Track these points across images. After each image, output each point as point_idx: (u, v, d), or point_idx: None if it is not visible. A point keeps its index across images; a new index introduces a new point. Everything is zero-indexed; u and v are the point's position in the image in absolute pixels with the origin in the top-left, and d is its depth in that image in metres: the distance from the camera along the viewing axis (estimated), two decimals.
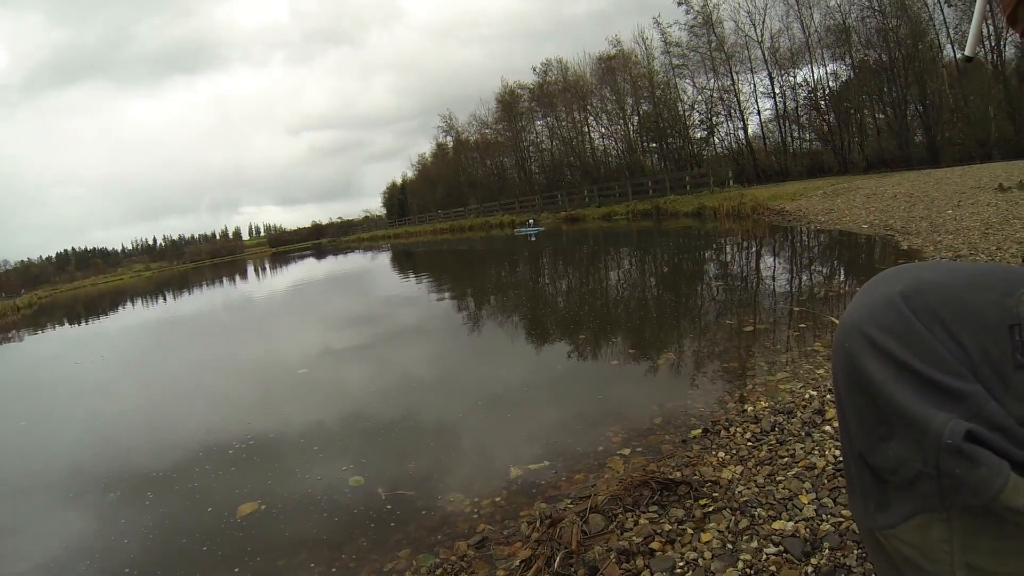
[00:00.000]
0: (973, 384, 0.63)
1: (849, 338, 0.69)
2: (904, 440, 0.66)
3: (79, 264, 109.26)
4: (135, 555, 3.17)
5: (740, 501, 2.42)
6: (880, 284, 0.71)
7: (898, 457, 0.67)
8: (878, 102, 29.60)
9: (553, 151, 45.35)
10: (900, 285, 0.68)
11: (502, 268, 16.63)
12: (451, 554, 2.64)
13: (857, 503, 0.74)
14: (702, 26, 34.06)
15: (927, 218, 9.96)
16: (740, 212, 18.71)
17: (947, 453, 0.62)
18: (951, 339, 0.65)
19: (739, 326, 5.73)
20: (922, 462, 0.64)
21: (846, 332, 0.70)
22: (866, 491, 0.72)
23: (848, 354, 0.70)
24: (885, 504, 0.70)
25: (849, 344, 0.69)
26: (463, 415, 4.57)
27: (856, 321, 0.69)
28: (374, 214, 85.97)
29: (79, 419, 6.51)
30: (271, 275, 31.47)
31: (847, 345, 0.70)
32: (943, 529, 0.66)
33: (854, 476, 0.74)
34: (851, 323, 0.70)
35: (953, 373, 0.64)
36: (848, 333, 0.70)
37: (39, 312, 30.94)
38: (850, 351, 0.69)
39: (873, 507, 0.71)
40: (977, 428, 0.62)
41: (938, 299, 0.66)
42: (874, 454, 0.70)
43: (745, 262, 10.71)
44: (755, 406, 3.60)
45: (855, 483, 0.74)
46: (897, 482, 0.68)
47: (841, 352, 0.71)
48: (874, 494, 0.71)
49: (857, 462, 0.72)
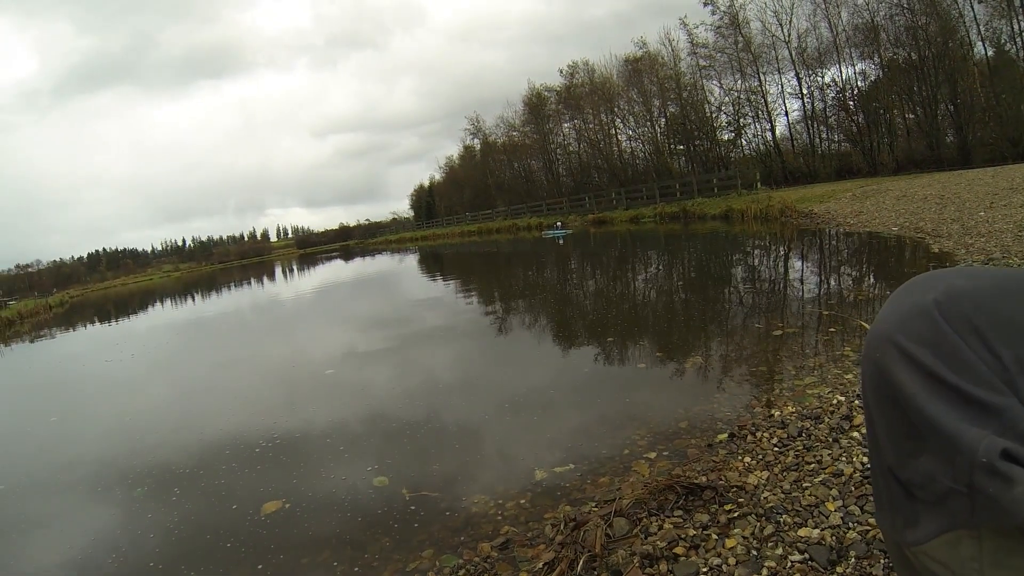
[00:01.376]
0: (1009, 398, 0.60)
1: (879, 348, 0.67)
2: (935, 455, 0.63)
3: (110, 264, 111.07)
4: (160, 549, 3.21)
5: (765, 507, 2.39)
6: (911, 292, 0.67)
7: (928, 472, 0.64)
8: (908, 102, 29.13)
9: (580, 153, 45.26)
10: (933, 293, 0.65)
11: (530, 271, 16.63)
12: (474, 555, 2.65)
13: (885, 517, 0.71)
14: (728, 27, 33.78)
15: (958, 220, 9.80)
16: (768, 215, 18.53)
17: (981, 471, 0.59)
18: (986, 349, 0.61)
19: (767, 330, 5.67)
20: (953, 479, 0.61)
21: (876, 342, 0.67)
22: (895, 505, 0.69)
23: (878, 365, 0.67)
24: (914, 520, 0.67)
25: (879, 355, 0.66)
26: (488, 417, 4.57)
27: (886, 331, 0.66)
28: (401, 216, 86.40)
29: (109, 415, 6.62)
30: (299, 276, 31.76)
31: (877, 356, 0.67)
32: (973, 547, 0.63)
33: (882, 489, 0.71)
34: (881, 333, 0.67)
35: (987, 386, 0.61)
36: (878, 343, 0.67)
37: (71, 311, 31.49)
38: (880, 362, 0.66)
39: (902, 522, 0.68)
40: (1013, 447, 0.59)
41: (972, 306, 0.63)
42: (904, 468, 0.67)
43: (773, 265, 10.61)
44: (782, 411, 3.56)
45: (883, 496, 0.71)
46: (927, 498, 0.65)
47: (871, 363, 0.68)
48: (903, 509, 0.68)
49: (886, 476, 0.70)
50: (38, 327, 22.73)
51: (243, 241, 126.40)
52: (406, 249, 42.48)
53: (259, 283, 31.19)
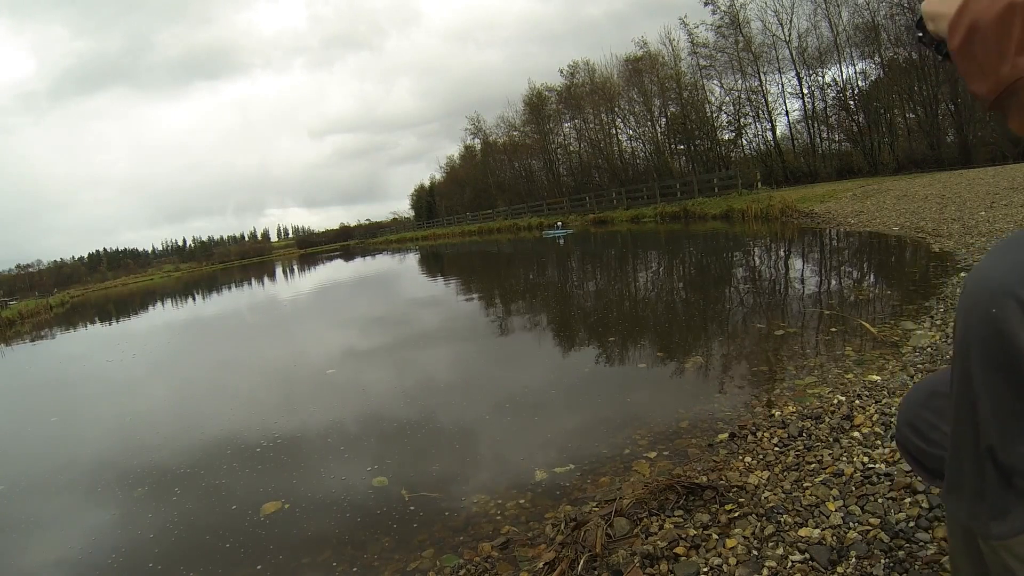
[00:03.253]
0: None
1: (997, 303, 0.56)
2: None
3: (111, 264, 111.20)
4: (160, 550, 3.21)
5: (766, 507, 2.39)
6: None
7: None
8: (908, 101, 29.13)
9: (581, 153, 45.29)
10: None
11: (531, 270, 16.63)
12: (475, 555, 2.64)
13: (962, 503, 0.63)
14: (729, 26, 33.79)
15: (959, 220, 9.79)
16: (768, 214, 18.53)
17: None
18: None
19: (768, 330, 5.67)
20: None
21: (990, 295, 0.57)
22: (981, 492, 0.61)
23: (995, 323, 0.56)
24: (1003, 510, 0.59)
25: (998, 311, 0.55)
26: (488, 417, 4.57)
27: (1006, 282, 0.55)
28: (402, 216, 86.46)
29: (110, 416, 6.62)
30: (299, 276, 31.78)
31: (994, 311, 0.56)
32: None
33: (967, 472, 0.61)
34: (998, 285, 0.56)
35: None
36: (994, 296, 0.56)
37: (71, 311, 31.48)
38: (999, 320, 0.55)
39: (987, 511, 0.60)
40: None
41: None
42: (1009, 450, 0.57)
43: (774, 265, 10.60)
44: (783, 411, 3.56)
45: (966, 479, 0.62)
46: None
47: (985, 320, 0.57)
48: (992, 497, 0.60)
49: (980, 457, 0.59)
50: (39, 327, 22.73)
51: (244, 241, 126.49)
52: (407, 249, 42.47)
53: (260, 283, 31.20)
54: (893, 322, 5.02)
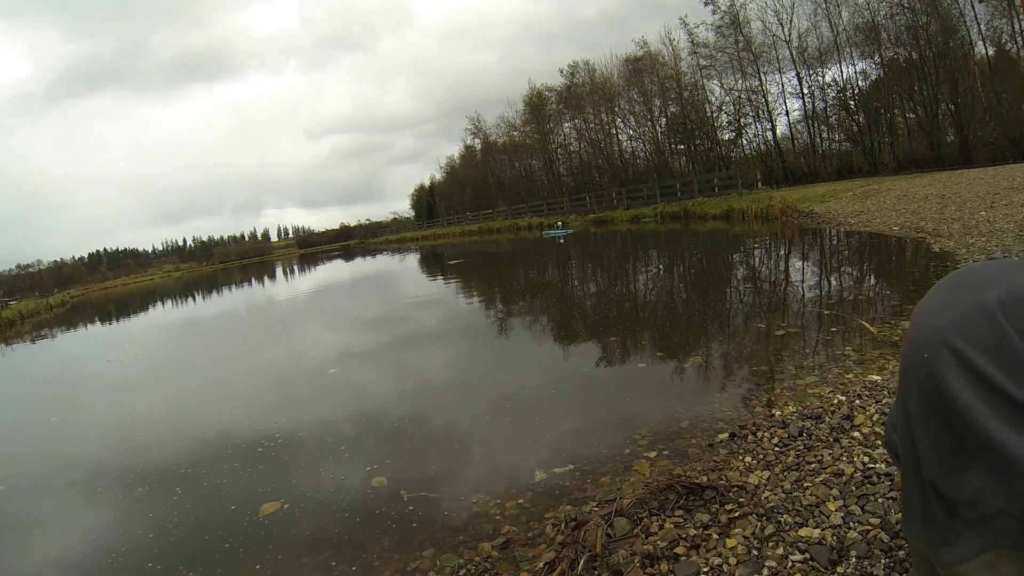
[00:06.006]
0: None
1: (931, 350, 0.59)
2: (987, 474, 0.57)
3: (111, 264, 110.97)
4: (160, 549, 3.21)
5: (766, 507, 2.39)
6: (968, 285, 0.60)
7: (977, 491, 0.58)
8: (908, 101, 29.10)
9: (581, 153, 45.22)
10: (996, 290, 0.57)
11: (531, 270, 16.63)
12: (475, 555, 2.65)
13: (916, 532, 0.67)
14: (729, 26, 33.71)
15: (959, 220, 9.78)
16: (769, 214, 18.51)
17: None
18: None
19: (768, 330, 5.67)
20: (1007, 500, 0.56)
21: (925, 342, 0.60)
22: (931, 522, 0.64)
23: (927, 369, 0.59)
24: (952, 538, 0.61)
25: (931, 357, 0.59)
26: (488, 417, 4.57)
27: (939, 330, 0.58)
28: (402, 216, 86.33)
29: (110, 415, 6.62)
30: (299, 276, 31.76)
31: (927, 358, 0.59)
32: (1013, 567, 0.58)
33: (916, 504, 0.66)
34: (933, 332, 0.59)
35: None
36: (928, 343, 0.59)
37: (71, 311, 31.45)
38: (930, 366, 0.59)
39: (938, 539, 0.64)
40: None
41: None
42: (948, 484, 0.61)
43: (774, 265, 10.59)
44: (783, 411, 3.56)
45: (917, 511, 0.66)
46: (972, 517, 0.60)
47: (918, 365, 0.61)
48: (941, 525, 0.63)
49: (925, 489, 0.63)
50: (39, 327, 22.71)
51: (244, 241, 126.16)
52: (407, 249, 42.45)
53: (260, 283, 31.19)
54: (893, 322, 5.02)
